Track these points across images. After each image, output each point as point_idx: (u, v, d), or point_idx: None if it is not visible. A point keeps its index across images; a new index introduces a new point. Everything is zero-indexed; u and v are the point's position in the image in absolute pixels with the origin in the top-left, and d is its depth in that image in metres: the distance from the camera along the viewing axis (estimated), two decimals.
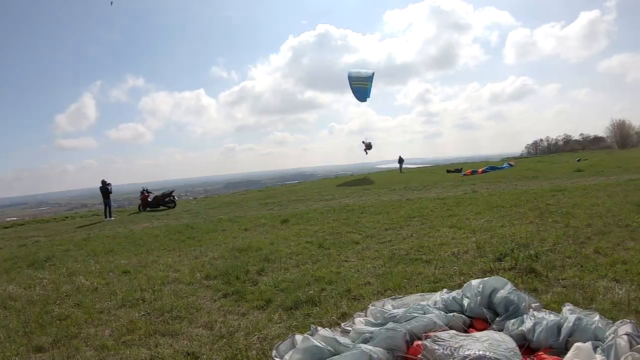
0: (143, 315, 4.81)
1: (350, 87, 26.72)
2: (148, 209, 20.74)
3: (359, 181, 27.43)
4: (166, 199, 21.02)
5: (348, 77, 26.96)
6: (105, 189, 18.88)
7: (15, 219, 30.98)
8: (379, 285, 4.94)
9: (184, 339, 4.05)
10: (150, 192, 21.49)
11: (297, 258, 6.78)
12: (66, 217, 21.26)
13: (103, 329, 4.52)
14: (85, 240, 11.09)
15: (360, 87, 26.52)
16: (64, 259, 8.62)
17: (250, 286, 5.51)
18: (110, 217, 18.40)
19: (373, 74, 27.38)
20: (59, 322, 4.82)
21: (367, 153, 31.32)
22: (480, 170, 26.84)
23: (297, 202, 16.83)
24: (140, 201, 21.15)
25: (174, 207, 20.66)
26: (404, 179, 25.78)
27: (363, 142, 31.16)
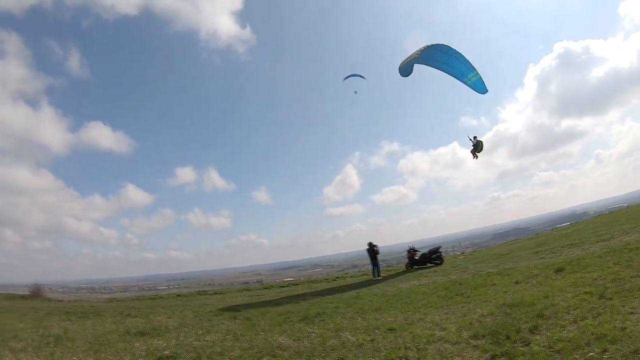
0: None
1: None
2: (415, 267, 21.51)
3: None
4: (433, 256, 21.47)
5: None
6: (372, 250, 20.77)
7: (291, 279, 37.33)
8: None
9: None
10: (417, 250, 22.33)
11: (575, 312, 6.17)
12: (337, 277, 24.30)
13: None
14: (354, 298, 12.16)
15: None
16: (333, 315, 9.61)
17: (522, 347, 5.23)
18: (378, 276, 19.89)
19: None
20: None
21: (476, 157, 20.99)
22: None
23: (571, 247, 15.46)
24: (407, 260, 22.15)
25: (440, 263, 20.91)
26: None
27: (470, 139, 20.71)
